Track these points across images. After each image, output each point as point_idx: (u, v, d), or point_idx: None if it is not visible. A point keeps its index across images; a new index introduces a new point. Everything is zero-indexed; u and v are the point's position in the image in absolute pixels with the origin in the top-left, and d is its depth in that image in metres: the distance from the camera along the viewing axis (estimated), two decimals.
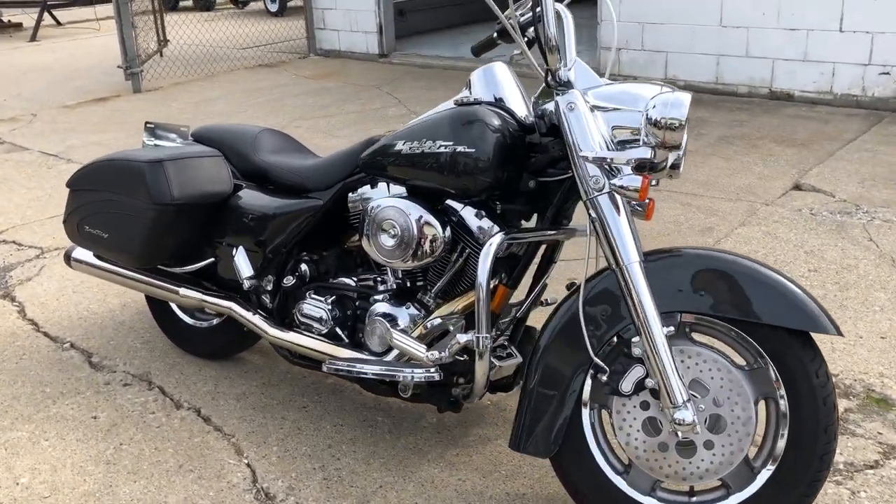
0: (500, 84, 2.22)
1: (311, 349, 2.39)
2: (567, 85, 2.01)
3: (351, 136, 5.93)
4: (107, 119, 6.79)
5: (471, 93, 2.23)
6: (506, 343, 2.28)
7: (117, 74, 8.11)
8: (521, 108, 2.18)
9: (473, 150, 2.06)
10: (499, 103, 2.17)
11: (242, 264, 2.51)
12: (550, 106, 2.06)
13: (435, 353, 2.01)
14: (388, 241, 2.20)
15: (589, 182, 1.90)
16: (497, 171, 2.06)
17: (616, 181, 1.86)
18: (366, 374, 2.18)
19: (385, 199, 2.24)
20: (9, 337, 3.20)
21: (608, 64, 2.08)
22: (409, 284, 2.36)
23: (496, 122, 2.08)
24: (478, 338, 1.94)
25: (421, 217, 2.16)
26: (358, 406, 2.67)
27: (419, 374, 2.10)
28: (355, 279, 2.48)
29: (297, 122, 6.40)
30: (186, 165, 2.53)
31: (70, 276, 3.70)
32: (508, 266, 2.20)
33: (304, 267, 2.55)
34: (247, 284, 2.50)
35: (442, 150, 2.10)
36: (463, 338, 1.98)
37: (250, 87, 7.83)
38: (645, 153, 1.83)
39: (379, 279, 2.45)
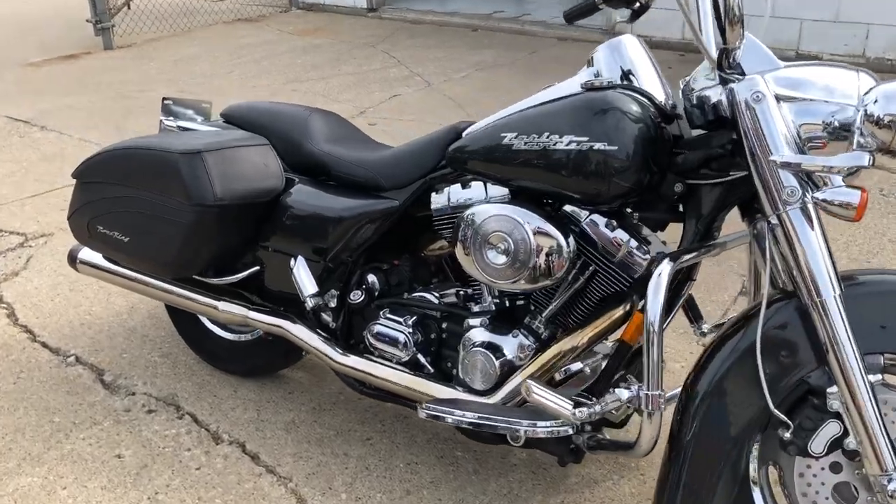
0: (632, 62, 1.81)
1: (398, 384, 1.99)
2: (736, 67, 1.61)
3: (354, 101, 5.45)
4: (79, 80, 6.19)
5: (597, 72, 1.81)
6: (623, 373, 1.89)
7: (84, 28, 7.43)
8: (659, 92, 1.77)
9: (615, 147, 1.66)
10: (636, 87, 1.76)
11: (305, 278, 2.08)
12: (714, 93, 1.64)
13: (583, 412, 1.62)
14: (497, 257, 1.80)
15: (780, 193, 1.51)
16: (640, 172, 1.67)
17: (821, 194, 1.48)
18: (478, 424, 1.77)
19: (490, 206, 1.83)
20: (1, 349, 2.74)
21: (759, 32, 1.66)
22: (507, 304, 1.96)
23: (638, 110, 1.68)
24: (648, 395, 1.55)
25: (540, 229, 1.76)
26: (430, 437, 2.28)
27: (544, 428, 1.71)
28: (437, 295, 2.07)
29: (292, 85, 5.89)
30: (230, 157, 2.08)
31: (64, 271, 3.22)
32: (643, 287, 1.81)
33: (372, 279, 2.13)
34: (311, 303, 2.07)
35: (572, 146, 1.70)
36: (625, 394, 1.58)
37: (232, 44, 7.24)
38: (862, 159, 1.44)
39: (464, 294, 2.05)
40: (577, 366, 1.70)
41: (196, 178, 2.02)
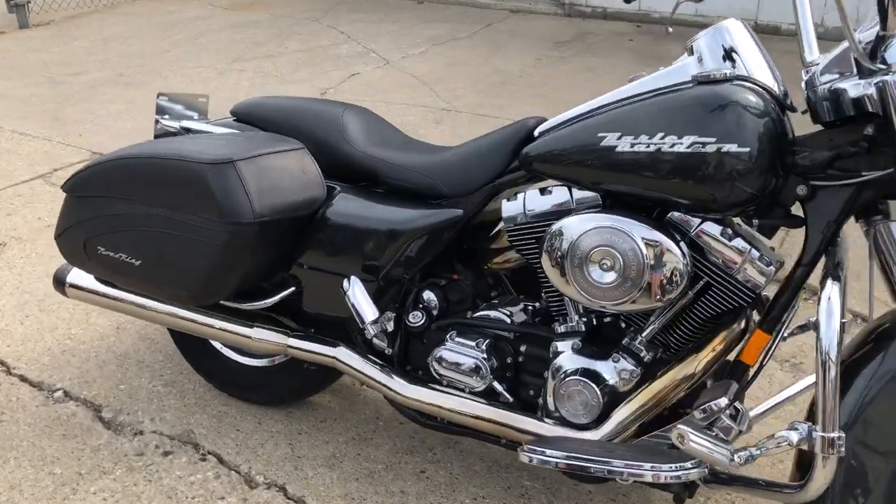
0: (739, 50, 1.61)
1: (480, 418, 1.76)
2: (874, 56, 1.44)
3: (310, 81, 5.12)
4: None
5: (699, 60, 1.60)
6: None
7: None
8: (771, 81, 1.59)
9: (747, 148, 1.47)
10: (752, 78, 1.56)
11: (363, 302, 1.81)
12: (854, 86, 1.46)
13: (741, 456, 1.42)
14: (603, 276, 1.58)
15: None
16: (768, 174, 1.50)
17: None
18: (597, 470, 1.56)
19: (587, 217, 1.61)
20: None
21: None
22: (599, 323, 1.76)
23: (762, 105, 1.51)
24: (825, 438, 1.36)
25: (653, 241, 1.55)
26: (490, 465, 2.07)
27: (670, 472, 1.51)
28: (507, 313, 1.85)
29: (238, 65, 5.49)
30: (266, 165, 1.80)
31: (29, 288, 2.86)
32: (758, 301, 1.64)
33: (430, 297, 1.89)
34: (372, 330, 1.81)
35: (695, 148, 1.50)
36: (794, 437, 1.39)
37: (162, 20, 6.74)
38: None
39: (533, 310, 1.85)
40: (722, 401, 1.49)
41: (230, 193, 1.73)
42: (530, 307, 1.88)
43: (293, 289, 1.96)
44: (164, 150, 1.83)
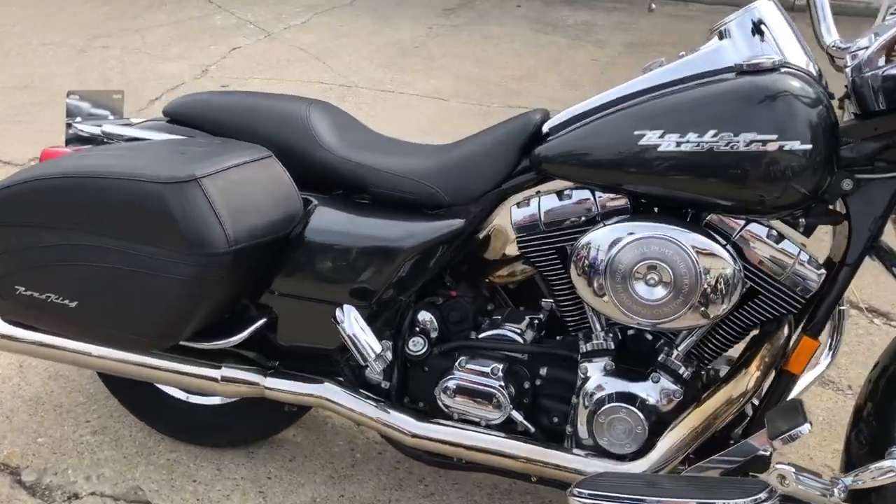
0: (774, 33, 1.47)
1: (510, 455, 1.56)
2: None
3: (188, 58, 4.67)
4: None
5: (739, 47, 1.45)
6: None
7: None
8: (808, 65, 1.46)
9: (810, 146, 1.34)
10: (797, 66, 1.43)
11: (363, 335, 1.55)
12: None
13: (840, 489, 1.29)
14: (651, 292, 1.42)
15: None
16: (823, 173, 1.37)
17: None
18: None
19: (621, 227, 1.45)
20: None
21: None
22: (628, 339, 1.60)
23: (813, 95, 1.39)
24: None
25: (704, 249, 1.40)
26: (490, 492, 1.88)
27: None
28: (517, 330, 1.65)
29: (102, 41, 4.95)
30: (234, 180, 1.51)
31: None
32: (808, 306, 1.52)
33: (428, 320, 1.66)
34: (377, 366, 1.56)
35: (755, 147, 1.35)
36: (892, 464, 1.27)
37: None
38: None
39: (538, 323, 1.68)
40: (805, 427, 1.34)
41: (196, 218, 1.43)
42: (535, 320, 1.69)
43: (264, 321, 1.68)
44: (104, 166, 1.50)
